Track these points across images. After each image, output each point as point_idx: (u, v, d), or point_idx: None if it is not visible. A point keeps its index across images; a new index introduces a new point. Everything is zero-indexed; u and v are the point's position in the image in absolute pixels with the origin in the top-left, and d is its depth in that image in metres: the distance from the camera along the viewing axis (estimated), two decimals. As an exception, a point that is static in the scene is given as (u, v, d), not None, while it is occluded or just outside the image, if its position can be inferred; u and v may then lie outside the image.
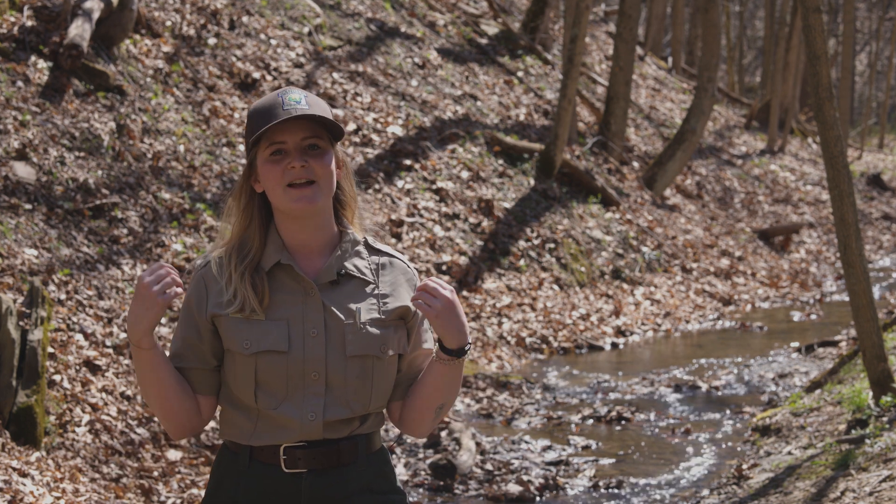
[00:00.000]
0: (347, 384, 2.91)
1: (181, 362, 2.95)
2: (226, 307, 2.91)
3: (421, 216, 12.64)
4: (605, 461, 8.08)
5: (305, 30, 14.43)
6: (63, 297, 7.95)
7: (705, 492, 7.30)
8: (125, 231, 9.20)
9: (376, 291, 2.97)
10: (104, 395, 7.30)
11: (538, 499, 7.33)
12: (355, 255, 2.99)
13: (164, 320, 8.45)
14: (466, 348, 2.90)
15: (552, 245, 13.58)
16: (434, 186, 13.24)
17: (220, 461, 2.99)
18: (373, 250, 3.02)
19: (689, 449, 8.41)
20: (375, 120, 13.67)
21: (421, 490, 7.40)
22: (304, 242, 2.95)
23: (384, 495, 2.98)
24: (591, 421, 9.10)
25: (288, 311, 2.91)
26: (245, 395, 2.92)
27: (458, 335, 2.88)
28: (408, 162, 13.28)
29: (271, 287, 2.93)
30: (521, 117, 16.30)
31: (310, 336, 2.90)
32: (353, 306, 2.93)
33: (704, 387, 10.20)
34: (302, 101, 2.90)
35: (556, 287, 13.03)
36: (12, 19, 10.39)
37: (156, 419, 7.33)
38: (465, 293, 11.96)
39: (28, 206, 8.64)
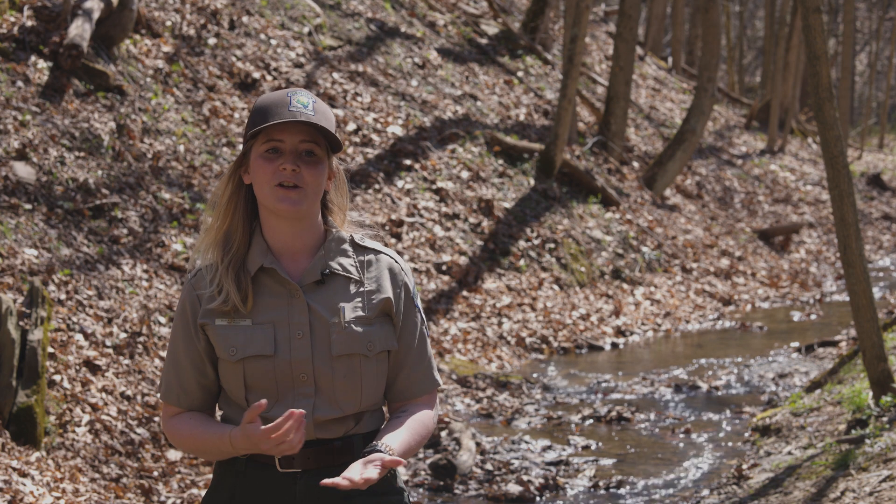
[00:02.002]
0: (335, 384, 2.91)
1: (193, 398, 2.99)
2: (208, 302, 2.92)
3: (421, 216, 12.65)
4: (605, 461, 8.07)
5: (305, 30, 14.43)
6: (63, 297, 7.95)
7: (705, 492, 7.30)
8: (125, 231, 9.20)
9: (362, 289, 2.97)
10: (104, 395, 7.30)
11: (538, 499, 7.33)
12: (340, 253, 2.98)
13: (163, 319, 8.46)
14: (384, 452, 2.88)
15: (552, 245, 13.58)
16: (434, 186, 13.24)
17: (219, 462, 3.00)
18: (359, 248, 3.01)
19: (689, 449, 8.41)
20: (375, 120, 13.67)
21: (421, 490, 7.40)
22: (288, 244, 2.95)
23: (382, 496, 2.97)
24: (591, 421, 9.10)
25: (273, 314, 2.92)
26: (238, 399, 2.94)
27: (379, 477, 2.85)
28: (408, 162, 13.28)
29: (257, 291, 2.93)
30: (521, 117, 16.30)
31: (295, 338, 2.90)
32: (337, 305, 2.93)
33: (704, 387, 10.20)
34: (309, 106, 2.90)
35: (556, 287, 13.03)
36: (12, 19, 10.40)
37: (156, 419, 7.33)
38: (465, 293, 11.96)
39: (28, 206, 8.64)
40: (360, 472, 2.77)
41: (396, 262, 3.02)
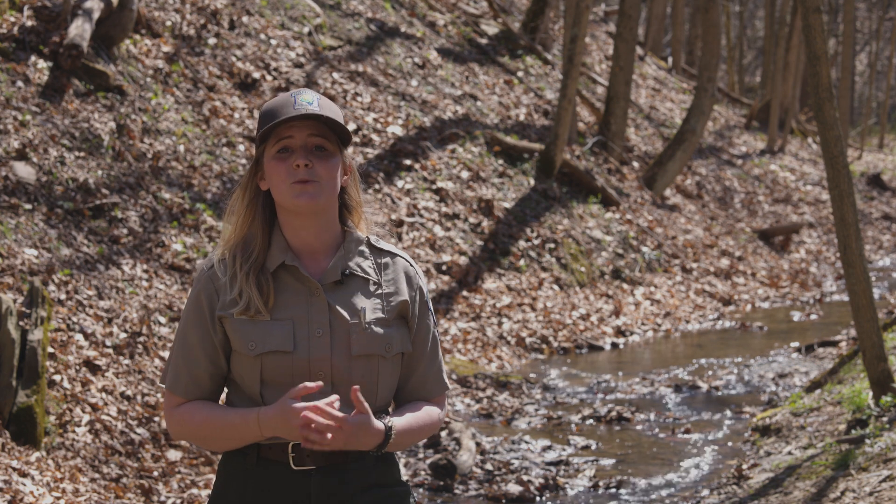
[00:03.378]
0: (353, 383, 2.92)
1: (201, 387, 2.98)
2: (229, 307, 2.93)
3: (421, 216, 12.65)
4: (605, 461, 8.07)
5: (305, 30, 14.43)
6: (63, 297, 7.95)
7: (705, 492, 7.30)
8: (125, 231, 9.20)
9: (380, 291, 2.99)
10: (104, 395, 7.30)
11: (538, 499, 7.33)
12: (359, 254, 3.00)
13: (163, 319, 8.45)
14: (386, 441, 2.89)
15: (552, 245, 13.58)
16: (434, 186, 13.24)
17: (227, 460, 3.00)
18: (375, 249, 3.04)
19: (689, 449, 8.41)
20: (375, 120, 13.67)
21: (421, 490, 7.40)
22: (307, 242, 2.97)
23: (389, 488, 3.00)
24: (591, 421, 9.10)
25: (293, 311, 2.93)
26: (251, 392, 2.94)
27: (369, 444, 2.87)
28: (408, 162, 13.28)
29: (276, 288, 2.94)
30: (521, 117, 16.30)
31: (315, 336, 2.92)
32: (357, 306, 2.95)
33: (704, 387, 10.20)
34: (314, 103, 2.92)
35: (556, 287, 13.03)
36: (12, 19, 10.40)
37: (156, 419, 7.33)
38: (465, 293, 11.96)
39: (28, 206, 8.64)
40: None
41: (412, 265, 3.05)
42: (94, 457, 6.76)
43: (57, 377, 7.15)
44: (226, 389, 3.04)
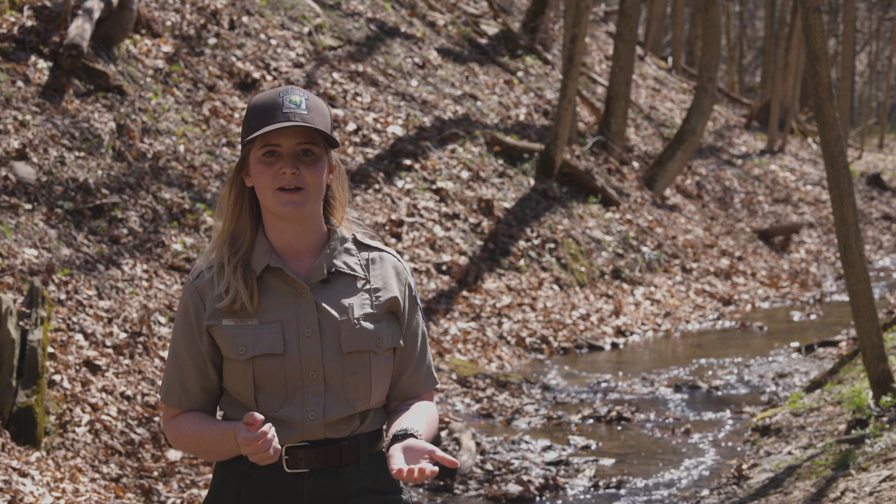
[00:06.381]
0: (346, 381, 2.92)
1: (194, 399, 2.98)
2: (216, 302, 2.91)
3: (421, 216, 12.64)
4: (605, 461, 8.07)
5: (305, 30, 14.43)
6: (63, 297, 7.95)
7: (705, 492, 7.30)
8: (125, 231, 9.20)
9: (368, 287, 2.98)
10: (104, 395, 7.30)
11: (538, 499, 7.33)
12: (344, 252, 3.00)
13: (163, 319, 8.45)
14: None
15: (552, 245, 13.58)
16: (434, 186, 13.24)
17: (222, 462, 2.99)
18: (362, 246, 3.03)
19: (689, 449, 8.41)
20: (375, 120, 13.67)
21: (421, 490, 7.40)
22: (292, 244, 2.96)
23: (387, 495, 2.98)
24: (591, 421, 9.10)
25: (281, 313, 2.92)
26: (246, 399, 2.93)
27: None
28: (408, 162, 13.28)
29: (263, 290, 2.93)
30: (521, 117, 16.30)
31: (304, 336, 2.91)
32: (345, 303, 2.94)
33: (704, 387, 10.20)
34: (302, 105, 2.90)
35: (556, 287, 13.03)
36: (12, 19, 10.40)
37: (156, 419, 7.33)
38: (465, 293, 11.96)
39: (28, 206, 8.64)
40: (411, 461, 2.77)
41: (399, 261, 3.05)
42: (94, 457, 6.76)
43: (57, 377, 7.15)
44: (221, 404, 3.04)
